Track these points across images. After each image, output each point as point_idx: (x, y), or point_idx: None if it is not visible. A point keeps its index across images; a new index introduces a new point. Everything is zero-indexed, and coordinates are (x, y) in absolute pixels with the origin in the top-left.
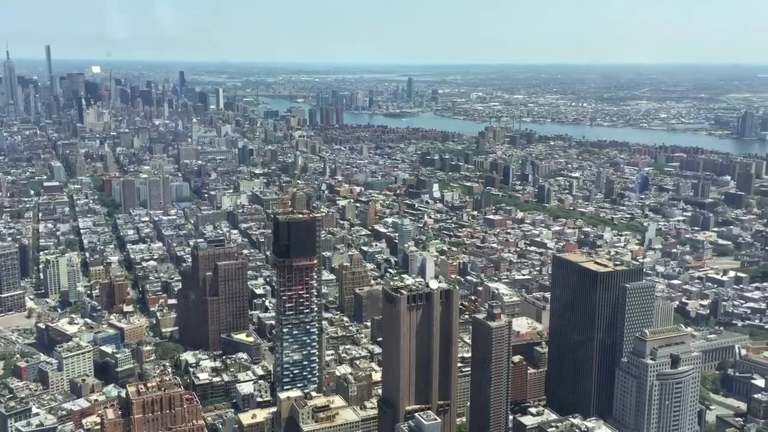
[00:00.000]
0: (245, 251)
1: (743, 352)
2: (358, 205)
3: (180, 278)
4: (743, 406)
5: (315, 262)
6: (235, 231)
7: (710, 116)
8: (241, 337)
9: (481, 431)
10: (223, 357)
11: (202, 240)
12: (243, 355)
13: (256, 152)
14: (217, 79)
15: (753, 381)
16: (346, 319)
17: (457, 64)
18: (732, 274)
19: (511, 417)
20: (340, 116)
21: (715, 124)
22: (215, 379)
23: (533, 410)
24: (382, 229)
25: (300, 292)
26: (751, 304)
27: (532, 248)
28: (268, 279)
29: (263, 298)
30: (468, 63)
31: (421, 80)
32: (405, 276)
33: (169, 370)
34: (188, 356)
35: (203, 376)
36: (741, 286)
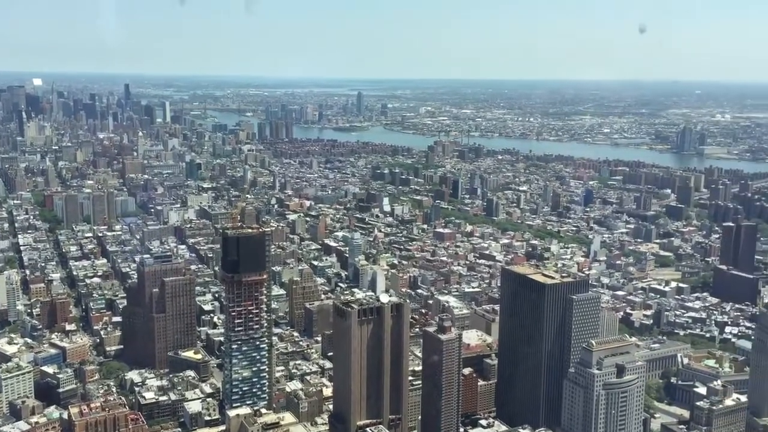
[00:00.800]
0: (193, 267)
1: (685, 360)
2: (308, 219)
3: (125, 295)
4: (686, 413)
5: (264, 277)
6: (183, 246)
7: (651, 131)
8: (189, 354)
9: None
10: (170, 375)
11: (148, 256)
12: (191, 373)
13: (204, 166)
14: (163, 92)
15: (695, 389)
16: (296, 334)
17: (406, 78)
18: (673, 284)
19: (462, 430)
20: (289, 130)
21: (656, 139)
22: (162, 398)
23: (483, 422)
24: (333, 243)
25: (249, 308)
26: (692, 314)
27: (482, 261)
28: (216, 295)
29: (212, 315)
30: (417, 78)
31: (370, 94)
32: (355, 290)
33: (114, 389)
34: (134, 375)
35: (149, 396)
36: (682, 296)
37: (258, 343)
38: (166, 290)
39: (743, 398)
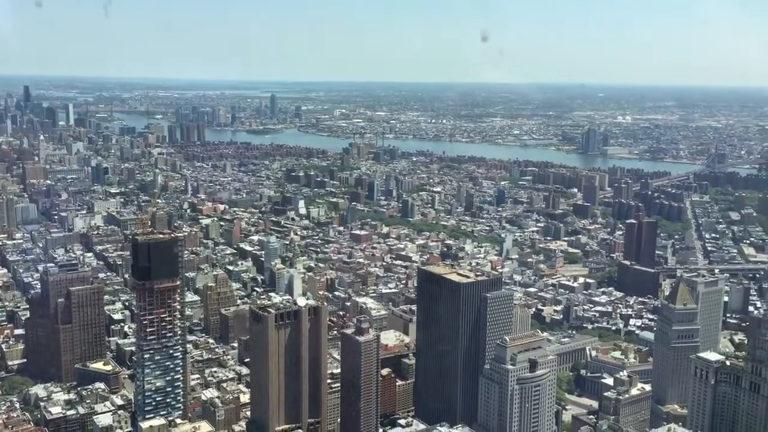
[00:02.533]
0: (101, 275)
1: (593, 353)
2: (222, 223)
3: (28, 306)
4: (595, 404)
5: (177, 283)
6: (90, 254)
7: (558, 132)
8: (98, 365)
9: None
10: (78, 388)
11: (52, 264)
12: (100, 385)
13: (111, 170)
14: (66, 94)
15: (603, 380)
16: (211, 341)
17: (319, 81)
18: (581, 280)
19: (381, 430)
20: (201, 133)
21: (563, 140)
22: (69, 413)
23: (402, 422)
24: (248, 248)
25: (162, 316)
26: (599, 308)
27: (398, 262)
28: (127, 303)
29: (122, 324)
30: (331, 80)
31: (284, 97)
32: (272, 294)
33: (17, 405)
34: (38, 390)
35: (56, 411)
36: (590, 291)
37: (171, 351)
38: (72, 300)
39: (648, 387)
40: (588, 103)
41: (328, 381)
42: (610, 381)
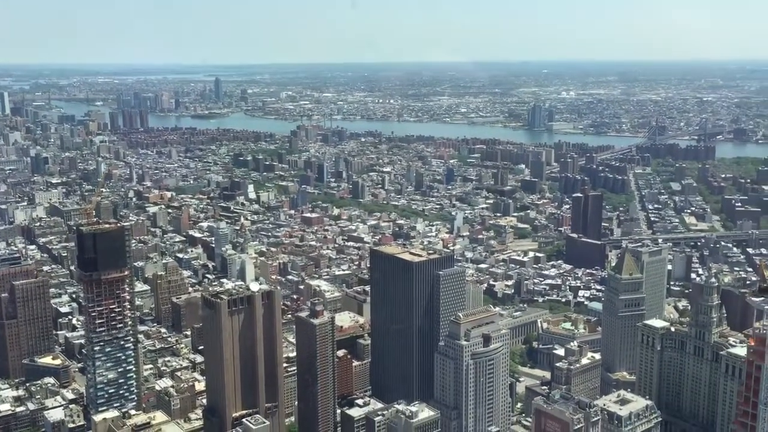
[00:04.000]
0: (46, 268)
1: (545, 325)
2: (170, 211)
3: None
4: (548, 375)
5: (126, 273)
6: (33, 247)
7: (504, 110)
8: (47, 360)
9: (310, 429)
10: (27, 384)
11: None
12: (50, 380)
13: (51, 160)
14: (0, 82)
15: (554, 351)
16: (164, 330)
17: (265, 63)
18: (531, 254)
19: (339, 411)
20: (144, 119)
21: (509, 117)
22: (19, 409)
23: (360, 402)
24: (198, 234)
25: (111, 307)
26: (549, 281)
27: (350, 243)
28: (74, 295)
29: (70, 317)
30: (276, 63)
31: (229, 80)
32: (224, 280)
33: None
34: None
35: (4, 407)
36: (539, 265)
37: (122, 342)
38: (16, 294)
39: (597, 356)
40: (532, 79)
41: (284, 365)
42: (561, 352)
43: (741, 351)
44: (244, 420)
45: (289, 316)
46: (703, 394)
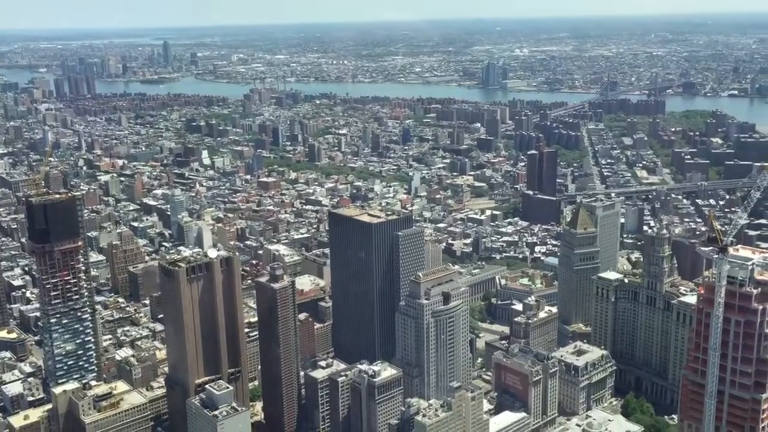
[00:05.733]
0: None
1: (503, 281)
2: (122, 179)
3: None
4: (507, 330)
5: (79, 244)
6: None
7: (459, 68)
8: (2, 334)
9: (273, 392)
10: None
11: None
12: (6, 354)
13: None
14: None
15: (512, 306)
16: (121, 300)
17: (214, 25)
18: (488, 212)
19: (302, 373)
20: (91, 85)
21: (464, 76)
22: None
23: (323, 363)
24: (152, 202)
25: (66, 278)
26: (506, 238)
27: (308, 207)
28: (27, 268)
29: (23, 290)
30: (226, 24)
31: (177, 44)
32: (181, 248)
33: None
34: None
35: None
36: (497, 222)
37: (79, 314)
38: None
39: (554, 309)
40: (486, 37)
41: (246, 330)
42: (519, 307)
43: (691, 299)
44: (207, 386)
45: (249, 281)
46: (656, 342)
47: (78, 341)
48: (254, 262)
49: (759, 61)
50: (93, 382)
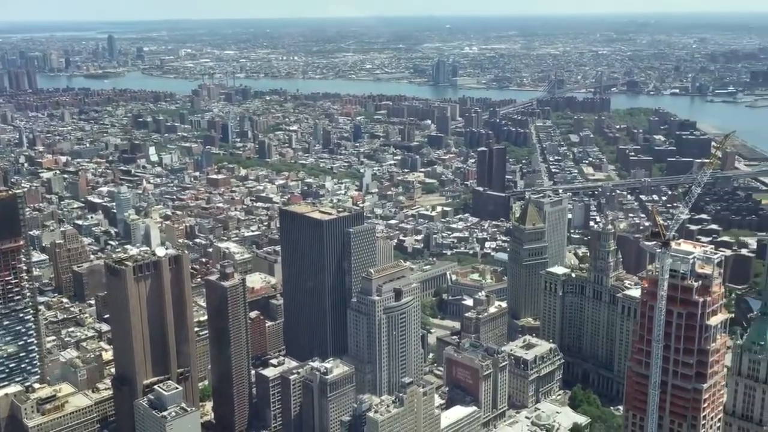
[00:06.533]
0: None
1: (454, 277)
2: (65, 176)
3: None
4: (458, 325)
5: (21, 243)
6: None
7: (409, 65)
8: None
9: (224, 391)
10: None
11: None
12: None
13: None
14: None
15: (463, 302)
16: (65, 300)
17: (161, 20)
18: (439, 209)
19: (253, 372)
20: (32, 80)
21: (414, 73)
22: None
23: (274, 362)
24: (97, 200)
25: (6, 278)
26: (457, 234)
27: (259, 204)
28: None
29: None
30: (173, 19)
31: (123, 38)
32: (128, 246)
33: None
34: None
35: None
36: (447, 219)
37: (21, 315)
38: None
39: (504, 304)
40: (436, 34)
41: (196, 329)
42: (470, 302)
43: (636, 293)
44: (155, 387)
45: (199, 279)
46: (602, 335)
47: (20, 343)
48: (204, 260)
49: (699, 61)
50: (36, 385)
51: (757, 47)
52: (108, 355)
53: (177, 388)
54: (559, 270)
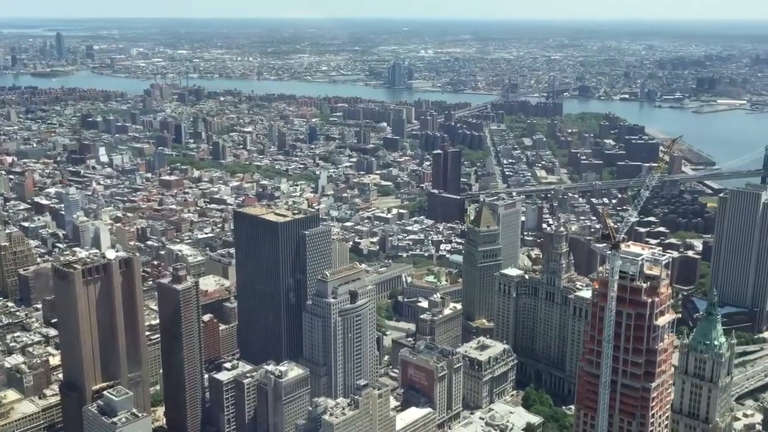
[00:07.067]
0: None
1: (409, 279)
2: (11, 177)
3: None
4: (413, 327)
5: None
6: None
7: (365, 68)
8: None
9: (176, 396)
10: None
11: None
12: None
13: None
14: None
15: (418, 304)
16: (11, 304)
17: (112, 18)
18: (395, 211)
19: (206, 376)
20: None
21: (370, 75)
22: None
23: (228, 365)
24: (45, 201)
25: None
26: (413, 236)
27: (213, 206)
28: None
29: None
30: (124, 17)
31: (72, 35)
32: (77, 249)
33: None
34: None
35: None
36: (403, 221)
37: None
38: None
39: (459, 306)
40: (392, 37)
41: (147, 333)
42: (425, 304)
43: (587, 294)
44: (105, 392)
45: (151, 282)
46: (554, 336)
47: None
48: (156, 262)
49: (648, 67)
50: None
51: (703, 54)
52: (55, 361)
53: (127, 393)
54: (512, 272)
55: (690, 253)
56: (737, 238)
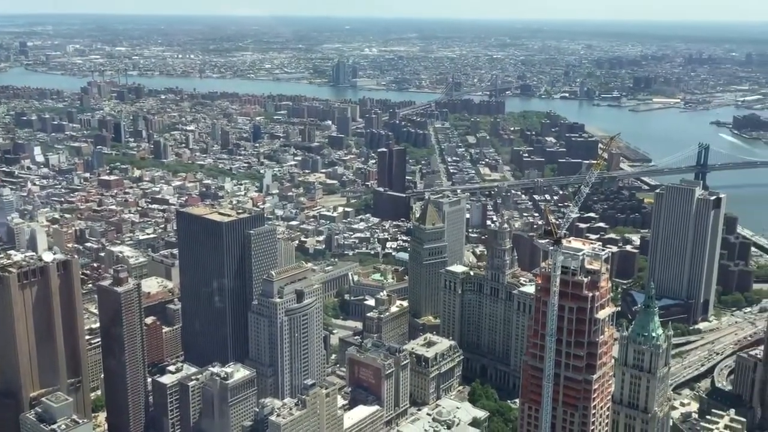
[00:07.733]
0: None
1: (355, 278)
2: None
3: None
4: (360, 325)
5: None
6: None
7: (309, 66)
8: None
9: (118, 401)
10: None
11: None
12: None
13: None
14: None
15: (365, 302)
16: None
17: (46, 13)
18: (340, 209)
19: (149, 379)
20: None
21: (314, 73)
22: None
23: (172, 368)
24: None
25: None
26: (358, 235)
27: (155, 206)
28: None
29: None
30: (60, 13)
31: (4, 31)
32: (12, 252)
33: None
34: None
35: None
36: (349, 219)
37: None
38: None
39: (405, 303)
40: (336, 35)
41: (87, 337)
42: (371, 302)
43: (530, 289)
44: (43, 399)
45: (90, 285)
46: (499, 331)
47: None
48: (95, 265)
49: (586, 66)
50: None
51: (639, 54)
52: None
53: (67, 399)
54: (458, 268)
55: (628, 247)
56: (673, 233)
